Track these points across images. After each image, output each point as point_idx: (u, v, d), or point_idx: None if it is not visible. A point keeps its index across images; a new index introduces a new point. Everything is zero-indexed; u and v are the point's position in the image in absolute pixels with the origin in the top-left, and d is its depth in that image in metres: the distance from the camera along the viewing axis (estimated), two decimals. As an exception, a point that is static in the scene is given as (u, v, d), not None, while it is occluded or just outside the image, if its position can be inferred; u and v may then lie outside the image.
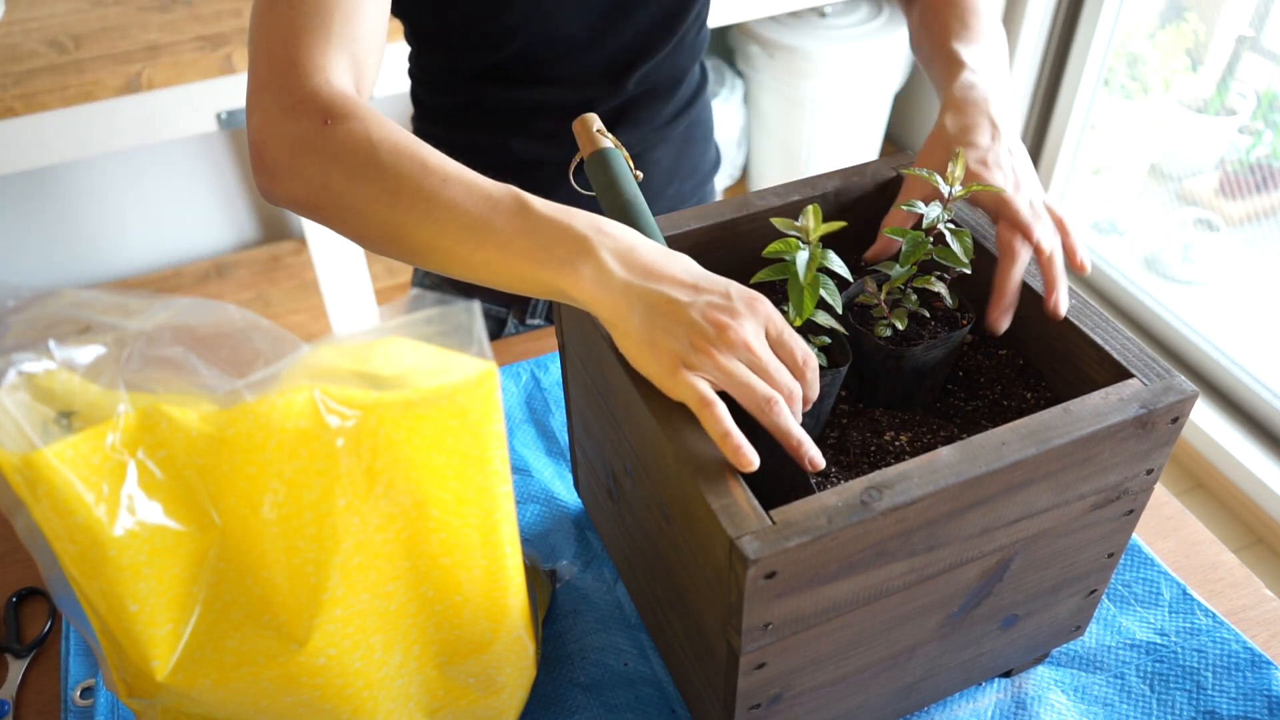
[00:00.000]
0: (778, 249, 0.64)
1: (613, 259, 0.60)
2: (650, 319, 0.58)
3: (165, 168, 2.24)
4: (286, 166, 0.66)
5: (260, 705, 0.55)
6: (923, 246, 0.67)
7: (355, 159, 0.63)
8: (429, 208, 0.62)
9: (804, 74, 2.32)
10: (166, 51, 1.61)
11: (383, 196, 0.63)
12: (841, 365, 0.66)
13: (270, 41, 0.69)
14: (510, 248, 0.61)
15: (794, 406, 0.59)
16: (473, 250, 0.62)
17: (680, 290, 0.59)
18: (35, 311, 0.48)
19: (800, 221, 0.64)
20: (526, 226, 0.61)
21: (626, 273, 0.59)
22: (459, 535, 0.55)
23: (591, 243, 0.60)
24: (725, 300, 0.59)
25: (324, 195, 0.65)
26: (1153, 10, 2.38)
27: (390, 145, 0.64)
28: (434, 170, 0.63)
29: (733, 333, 0.57)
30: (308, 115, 0.65)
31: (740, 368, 0.57)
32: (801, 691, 0.63)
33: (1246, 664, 0.78)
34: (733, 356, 0.57)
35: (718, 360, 0.57)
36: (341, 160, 0.64)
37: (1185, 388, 0.61)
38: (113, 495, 0.47)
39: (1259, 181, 2.34)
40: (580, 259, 0.60)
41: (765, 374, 0.58)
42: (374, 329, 0.50)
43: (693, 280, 0.60)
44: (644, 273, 0.60)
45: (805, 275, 0.63)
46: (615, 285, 0.59)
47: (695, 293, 0.59)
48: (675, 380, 0.58)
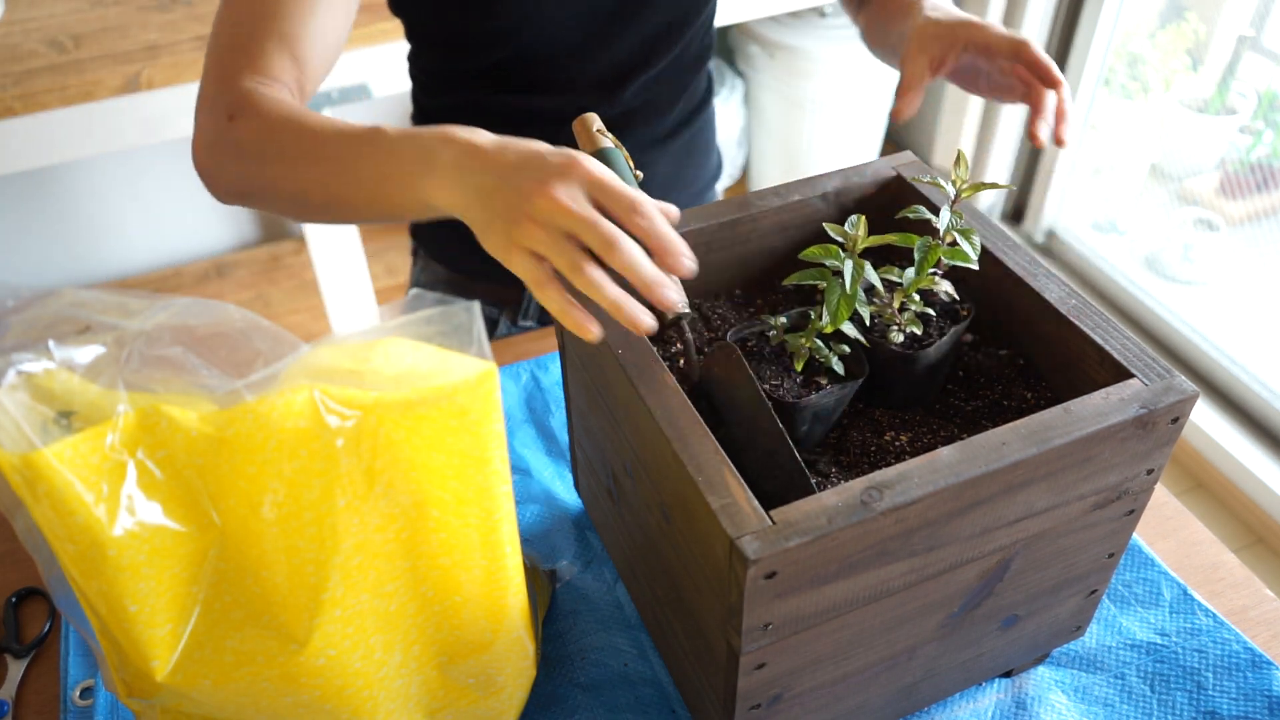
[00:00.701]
0: (816, 254, 0.64)
1: (455, 158, 0.62)
2: (484, 205, 0.60)
3: (165, 168, 2.24)
4: (213, 166, 0.76)
5: (260, 705, 0.55)
6: (936, 251, 0.66)
7: (255, 145, 0.72)
8: (312, 168, 0.70)
9: (804, 74, 2.32)
10: (166, 51, 1.61)
11: (282, 169, 0.71)
12: (858, 377, 0.66)
13: (210, 55, 0.78)
14: (380, 180, 0.66)
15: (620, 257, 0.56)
16: (355, 190, 0.68)
17: (504, 170, 0.60)
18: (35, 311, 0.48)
19: (850, 230, 0.64)
20: (385, 155, 0.66)
21: (465, 169, 0.61)
22: (459, 535, 0.55)
23: (434, 152, 0.63)
24: (538, 170, 0.58)
25: (244, 182, 0.75)
26: (1153, 10, 2.38)
27: (280, 124, 0.72)
28: (312, 134, 0.70)
29: (544, 200, 0.57)
30: (219, 115, 0.74)
31: (556, 237, 0.57)
32: (801, 691, 0.63)
33: (1247, 664, 0.78)
34: (551, 223, 0.57)
35: (535, 232, 0.57)
36: (246, 150, 0.73)
37: (1185, 388, 0.61)
38: (112, 495, 0.47)
39: (1259, 181, 2.34)
40: (430, 169, 0.63)
41: (584, 231, 0.56)
42: (374, 329, 0.50)
43: (515, 160, 0.60)
44: (481, 165, 0.61)
45: (850, 286, 0.63)
46: (459, 183, 0.61)
47: (515, 171, 0.59)
48: (511, 259, 0.59)
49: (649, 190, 1.10)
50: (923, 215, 0.68)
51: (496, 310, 1.17)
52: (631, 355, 0.63)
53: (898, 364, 0.67)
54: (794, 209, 0.77)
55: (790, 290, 0.79)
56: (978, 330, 0.76)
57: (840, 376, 0.66)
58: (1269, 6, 2.18)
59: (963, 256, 0.67)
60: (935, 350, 0.67)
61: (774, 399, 0.64)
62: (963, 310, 0.71)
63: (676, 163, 1.11)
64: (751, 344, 0.69)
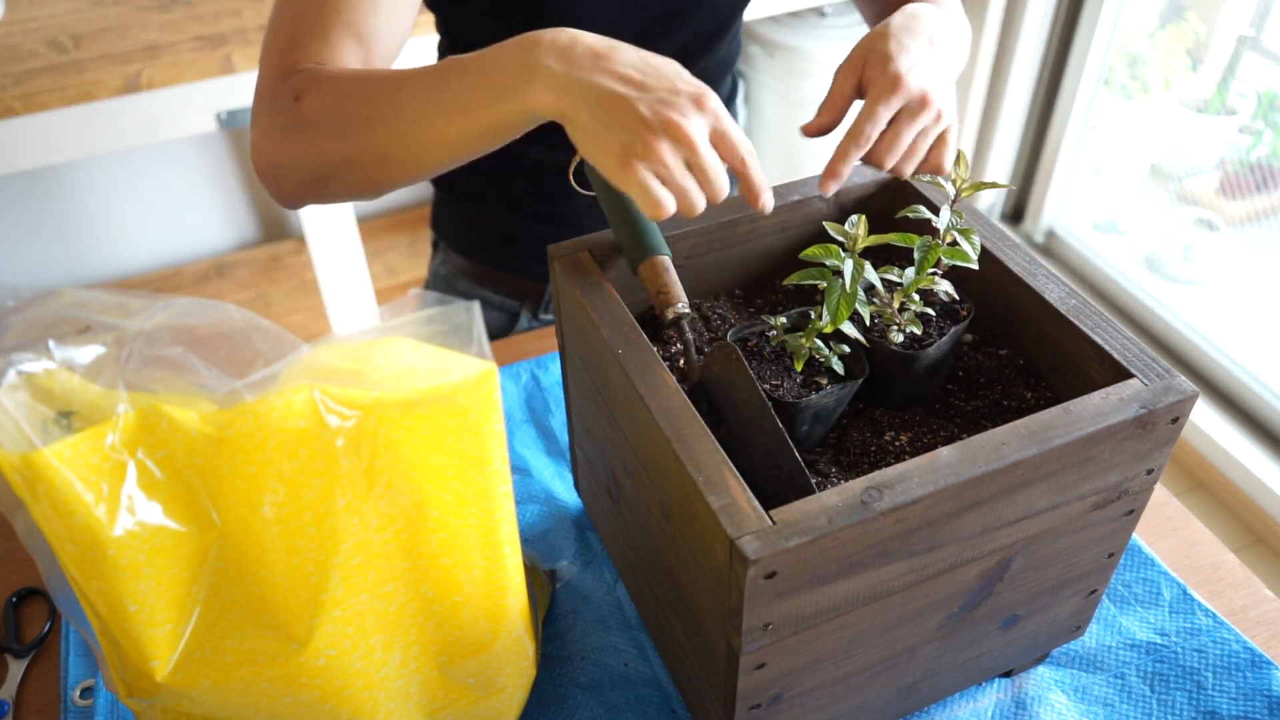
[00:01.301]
0: (816, 253, 0.64)
1: (555, 60, 0.62)
2: (601, 112, 0.60)
3: (165, 168, 2.24)
4: (284, 160, 0.73)
5: (260, 705, 0.55)
6: (936, 251, 0.66)
7: (327, 117, 0.70)
8: (397, 115, 0.67)
9: (804, 74, 2.32)
10: (166, 51, 1.61)
11: (361, 130, 0.69)
12: (857, 377, 0.66)
13: (269, 54, 0.75)
14: (474, 106, 0.65)
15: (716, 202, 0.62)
16: (447, 125, 0.66)
17: (629, 86, 0.60)
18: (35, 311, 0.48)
19: (850, 229, 0.64)
20: (475, 77, 0.65)
21: (572, 69, 0.61)
22: (459, 535, 0.55)
23: (531, 55, 0.62)
24: (674, 97, 0.60)
25: (320, 163, 0.71)
26: (1153, 10, 2.38)
27: (347, 86, 0.70)
28: (386, 83, 0.68)
29: (679, 130, 0.59)
30: (284, 103, 0.71)
31: (680, 169, 0.60)
32: (801, 691, 0.63)
33: (1247, 664, 0.78)
34: (677, 153, 0.59)
35: (662, 156, 0.59)
36: (318, 126, 0.70)
37: (1185, 388, 0.61)
38: (112, 495, 0.46)
39: (1259, 181, 2.34)
40: (528, 75, 0.62)
41: (703, 174, 0.60)
42: (374, 329, 0.50)
43: (641, 75, 0.61)
44: (590, 65, 0.61)
45: (850, 285, 0.63)
46: (563, 83, 0.61)
47: (643, 89, 0.60)
48: (625, 173, 0.60)
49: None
50: (922, 215, 0.68)
51: (518, 303, 1.17)
52: (631, 355, 0.63)
53: (897, 364, 0.67)
54: (794, 209, 0.77)
55: (790, 290, 0.79)
56: (978, 330, 0.76)
57: (840, 376, 0.66)
58: (1269, 6, 2.18)
59: (962, 256, 0.66)
60: (935, 350, 0.67)
61: (774, 399, 0.64)
62: (962, 310, 0.71)
63: None
64: (752, 344, 0.69)
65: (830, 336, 0.67)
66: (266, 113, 0.73)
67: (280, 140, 0.72)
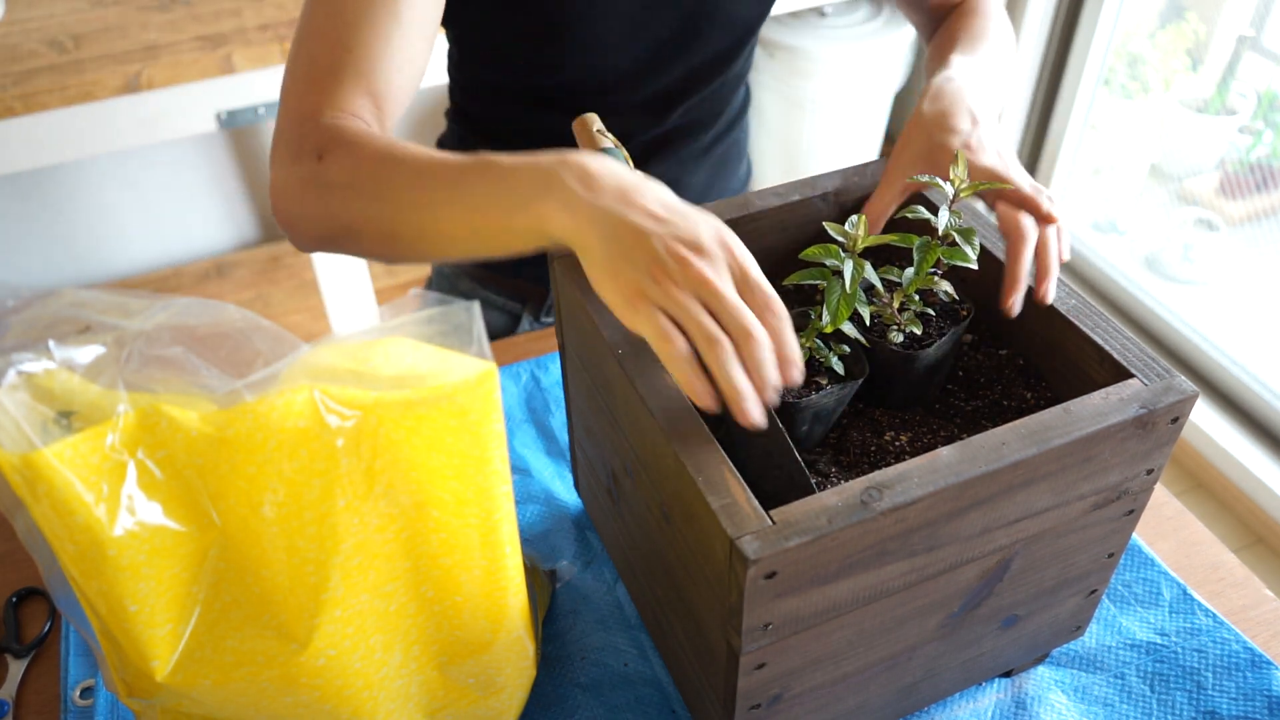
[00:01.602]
0: (816, 254, 0.64)
1: (578, 184, 0.59)
2: (613, 245, 0.57)
3: (165, 168, 2.24)
4: (299, 212, 0.72)
5: (260, 705, 0.55)
6: (935, 251, 0.66)
7: (346, 182, 0.68)
8: (412, 198, 0.66)
9: (804, 74, 2.32)
10: (166, 51, 1.61)
11: (375, 204, 0.67)
12: (857, 377, 0.65)
13: (287, 94, 0.74)
14: (486, 207, 0.62)
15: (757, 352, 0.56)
16: (458, 221, 0.64)
17: (648, 219, 0.57)
18: (35, 311, 0.48)
19: (850, 229, 0.64)
20: (494, 181, 0.62)
21: (593, 197, 0.58)
22: (459, 535, 0.55)
23: (555, 173, 0.60)
24: (692, 234, 0.57)
25: (333, 224, 0.70)
26: (1153, 10, 2.38)
27: (372, 158, 0.68)
28: (409, 165, 0.66)
29: (693, 269, 0.55)
30: (307, 156, 0.70)
31: (694, 305, 0.55)
32: (801, 691, 0.63)
33: (1247, 664, 0.78)
34: (690, 293, 0.55)
35: (673, 294, 0.55)
36: (336, 188, 0.69)
37: (1185, 388, 0.61)
38: (112, 495, 0.47)
39: (1259, 181, 2.34)
40: (546, 191, 0.60)
41: (725, 313, 0.55)
42: (374, 329, 0.50)
43: (664, 211, 0.58)
44: (614, 196, 0.58)
45: (850, 285, 0.63)
46: (582, 209, 0.58)
47: (662, 223, 0.57)
48: (633, 310, 0.56)
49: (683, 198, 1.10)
50: (921, 215, 0.68)
51: (519, 305, 1.17)
52: (631, 355, 0.63)
53: (897, 364, 0.67)
54: (794, 209, 0.77)
55: (790, 290, 0.79)
56: (977, 330, 0.76)
57: (840, 376, 0.66)
58: (1269, 6, 2.18)
59: (961, 256, 0.66)
60: (935, 350, 0.67)
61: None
62: (962, 310, 0.70)
63: (712, 173, 1.11)
64: None
65: (830, 336, 0.67)
66: (289, 160, 0.72)
67: (299, 194, 0.71)
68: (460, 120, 1.07)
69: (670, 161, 1.05)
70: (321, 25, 0.74)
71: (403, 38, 0.74)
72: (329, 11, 0.74)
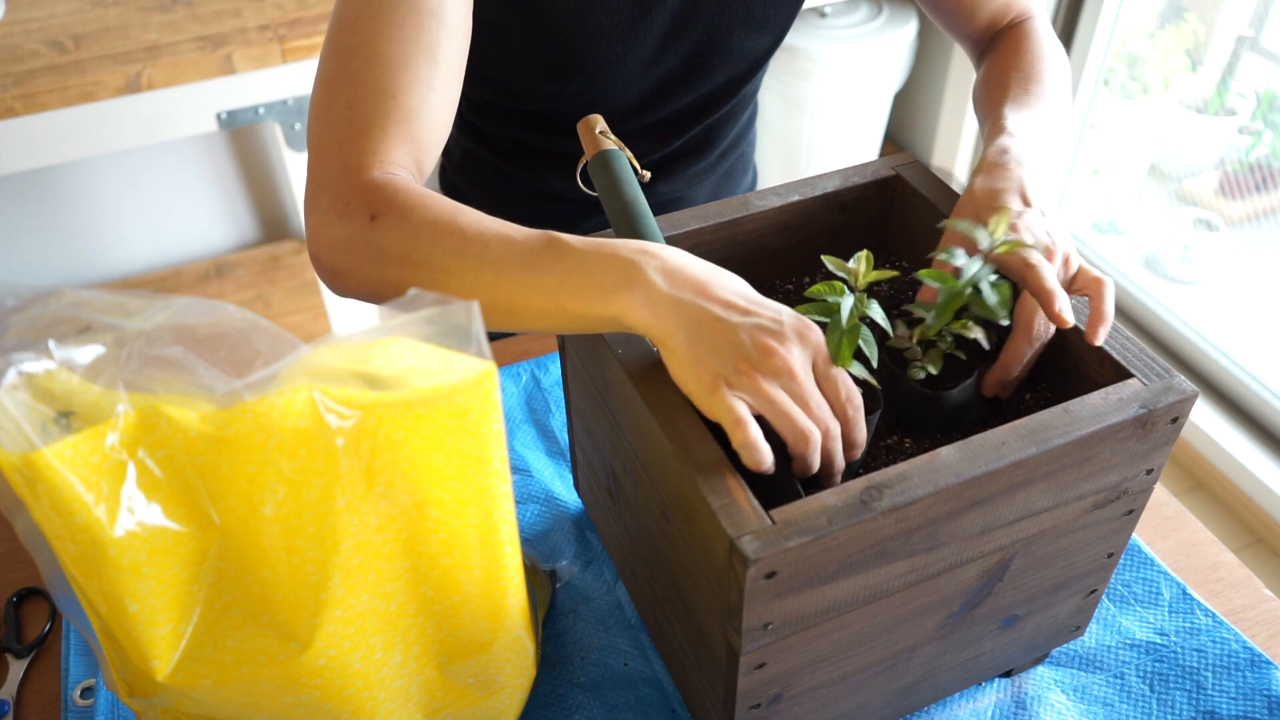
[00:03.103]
0: (821, 290, 0.62)
1: (660, 278, 0.59)
2: (696, 336, 0.57)
3: (165, 168, 2.24)
4: (345, 269, 0.68)
5: (260, 705, 0.55)
6: (959, 299, 0.64)
7: (401, 250, 0.65)
8: (476, 278, 0.63)
9: (804, 74, 2.32)
10: (166, 51, 1.61)
11: (434, 277, 0.65)
12: (873, 411, 0.63)
13: (328, 142, 0.70)
14: (561, 292, 0.61)
15: (830, 443, 0.58)
16: (526, 304, 0.62)
17: (730, 311, 0.58)
18: (35, 311, 0.48)
19: (851, 264, 0.63)
20: (572, 266, 0.61)
21: (675, 290, 0.59)
22: (458, 535, 0.55)
23: (638, 265, 0.59)
24: (776, 325, 0.58)
25: (382, 288, 0.67)
26: (1153, 10, 2.38)
27: (430, 227, 0.65)
28: (473, 239, 0.64)
29: (779, 359, 0.56)
30: (356, 215, 0.66)
31: (782, 395, 0.56)
32: (801, 691, 0.63)
33: (1246, 664, 0.78)
34: (775, 383, 0.56)
35: (759, 384, 0.56)
36: (389, 254, 0.65)
37: (1185, 388, 0.61)
38: (112, 495, 0.47)
39: (1259, 181, 2.34)
40: (628, 284, 0.59)
41: (805, 405, 0.57)
42: (374, 329, 0.50)
43: (745, 302, 0.59)
44: (694, 290, 0.59)
45: (847, 321, 0.61)
46: (664, 303, 0.58)
47: (745, 315, 0.58)
48: (714, 399, 0.56)
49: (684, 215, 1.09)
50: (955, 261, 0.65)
51: None
52: (631, 355, 0.63)
53: (916, 400, 0.66)
54: (794, 209, 0.77)
55: (790, 291, 0.79)
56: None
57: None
58: (1269, 6, 2.18)
59: (989, 311, 0.64)
60: (959, 393, 0.65)
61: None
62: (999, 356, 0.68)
63: (717, 187, 1.11)
64: None
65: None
66: (335, 217, 0.68)
67: (346, 251, 0.68)
68: (466, 132, 1.07)
69: (676, 180, 1.05)
70: (361, 70, 0.70)
71: (442, 81, 0.73)
72: (367, 56, 0.70)
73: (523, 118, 0.99)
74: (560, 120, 0.97)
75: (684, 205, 1.08)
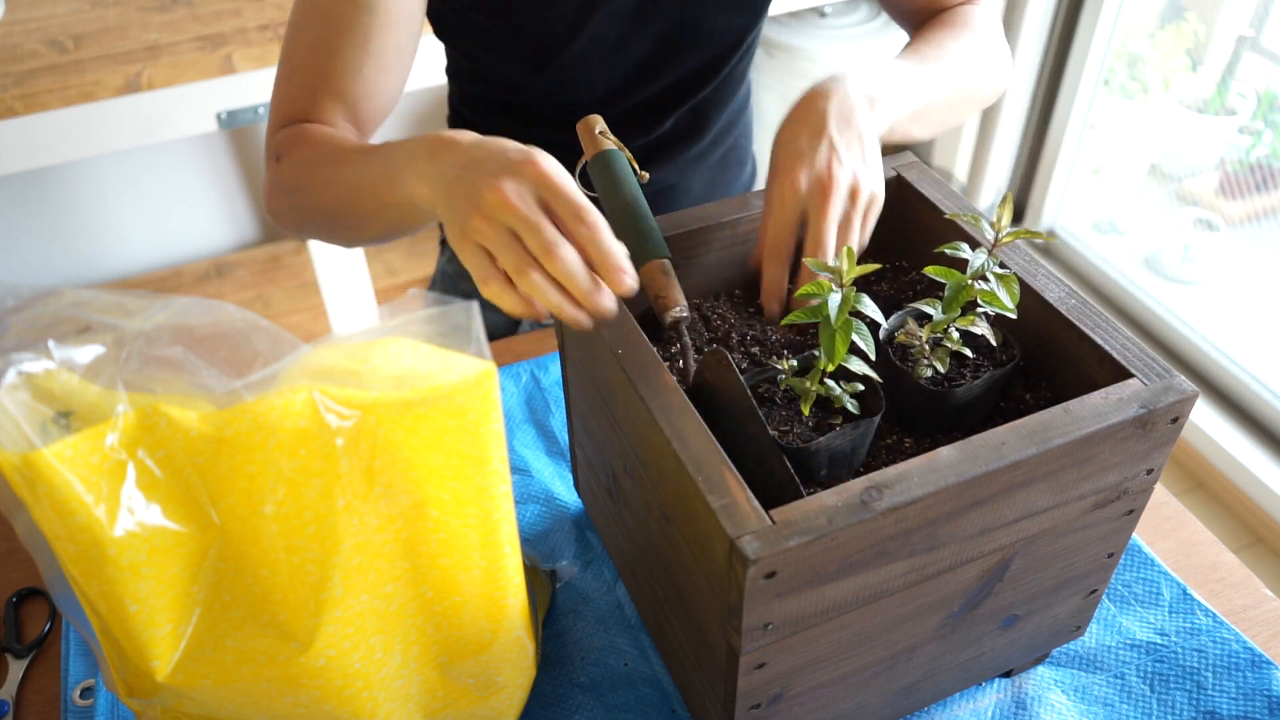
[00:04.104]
0: (809, 291, 0.62)
1: (428, 155, 0.64)
2: (446, 197, 0.61)
3: (165, 168, 2.24)
4: (272, 209, 0.83)
5: (260, 705, 0.55)
6: (967, 292, 0.64)
7: (295, 180, 0.79)
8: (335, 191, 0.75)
9: (804, 74, 2.32)
10: (166, 51, 1.61)
11: (317, 197, 0.77)
12: (875, 413, 0.63)
13: (273, 106, 0.84)
14: (376, 182, 0.70)
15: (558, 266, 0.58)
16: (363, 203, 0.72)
17: (466, 164, 0.61)
18: (35, 311, 0.48)
19: (834, 263, 0.62)
20: (379, 157, 0.70)
21: (436, 161, 0.63)
22: (458, 535, 0.55)
23: (416, 148, 0.65)
24: (494, 165, 0.59)
25: (299, 216, 0.82)
26: (1153, 10, 2.38)
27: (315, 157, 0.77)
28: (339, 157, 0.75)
29: (492, 195, 0.58)
30: (272, 159, 0.81)
31: (503, 234, 0.58)
32: (801, 691, 0.63)
33: (1246, 664, 0.78)
34: (498, 220, 0.58)
35: (483, 226, 0.58)
36: (289, 186, 0.80)
37: (1185, 388, 0.61)
38: (112, 495, 0.47)
39: (1259, 181, 2.34)
40: (410, 163, 0.65)
41: (527, 234, 0.58)
42: (374, 329, 0.50)
43: (480, 155, 0.61)
44: (453, 158, 0.62)
45: (836, 319, 0.61)
46: (429, 176, 0.63)
47: (475, 164, 0.60)
48: (462, 251, 0.60)
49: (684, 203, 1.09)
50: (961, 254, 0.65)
51: None
52: (631, 355, 0.63)
53: (921, 399, 0.66)
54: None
55: (790, 290, 0.79)
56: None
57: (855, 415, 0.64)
58: (1269, 6, 2.18)
59: (998, 303, 0.64)
60: (964, 392, 0.65)
61: (783, 445, 0.62)
62: (1005, 357, 0.68)
63: (711, 178, 1.10)
64: (763, 390, 0.67)
65: (841, 374, 0.65)
66: (267, 165, 0.82)
67: (270, 193, 0.83)
68: (459, 125, 1.08)
69: (668, 168, 1.05)
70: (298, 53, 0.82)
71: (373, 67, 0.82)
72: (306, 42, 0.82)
73: (507, 109, 1.00)
74: (543, 110, 0.98)
75: (679, 194, 1.08)
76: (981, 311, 0.67)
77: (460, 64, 1.01)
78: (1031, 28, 2.28)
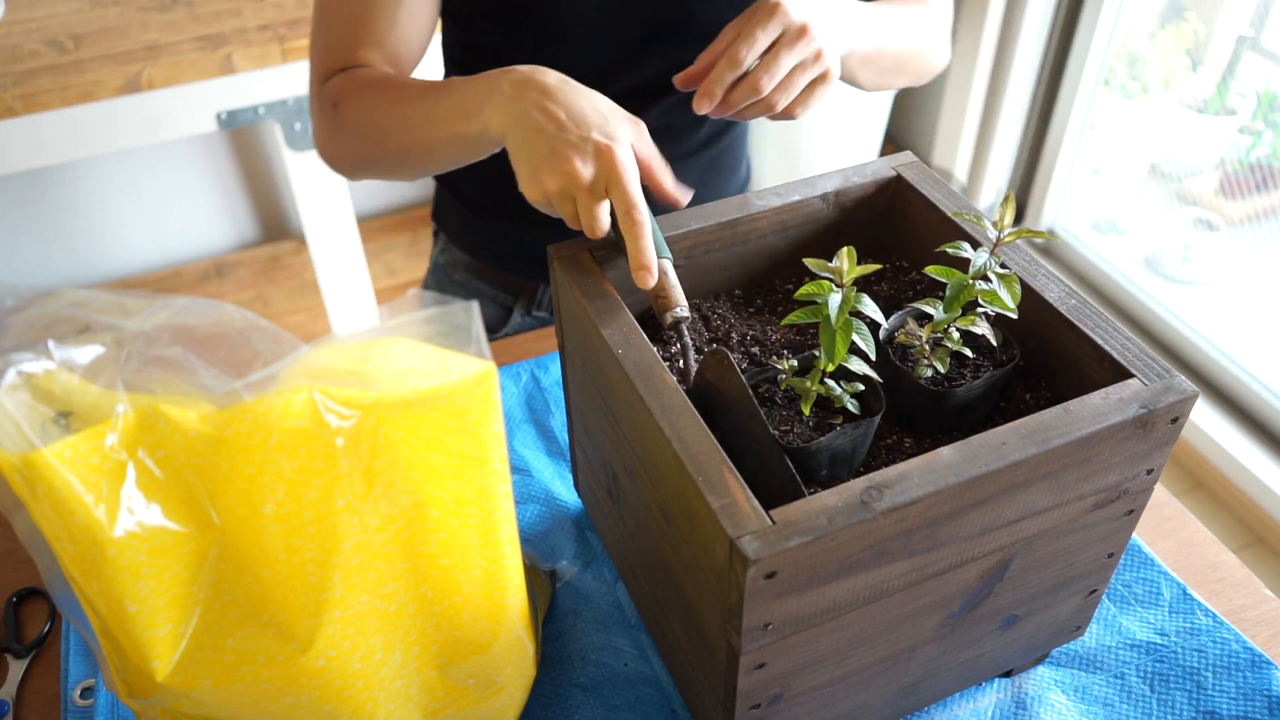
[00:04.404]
0: (809, 291, 0.62)
1: (510, 87, 0.70)
2: (520, 138, 0.69)
3: (165, 168, 2.24)
4: (331, 155, 0.90)
5: (260, 706, 0.55)
6: (969, 291, 0.64)
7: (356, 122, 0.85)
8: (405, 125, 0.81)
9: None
10: (166, 51, 1.61)
11: (382, 135, 0.83)
12: (875, 413, 0.63)
13: (314, 56, 0.91)
14: (451, 117, 0.75)
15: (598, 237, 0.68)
16: (434, 132, 0.78)
17: (549, 122, 0.68)
18: (35, 311, 0.48)
19: (834, 263, 0.62)
20: (454, 89, 0.76)
21: (517, 96, 0.69)
22: (458, 536, 0.55)
23: (496, 79, 0.72)
24: (579, 142, 0.66)
25: (361, 155, 0.88)
26: (1153, 10, 2.38)
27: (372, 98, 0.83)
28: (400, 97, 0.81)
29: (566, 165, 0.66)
30: (326, 106, 0.87)
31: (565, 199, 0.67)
32: (801, 691, 0.63)
33: (1246, 664, 0.78)
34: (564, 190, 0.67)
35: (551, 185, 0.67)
36: (352, 130, 0.86)
37: (1185, 388, 0.61)
38: (112, 496, 0.47)
39: (1259, 181, 2.34)
40: (488, 96, 0.72)
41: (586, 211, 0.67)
42: (374, 329, 0.50)
43: (567, 115, 0.68)
44: (535, 98, 0.69)
45: (837, 319, 0.61)
46: (507, 108, 0.70)
47: (560, 130, 0.67)
48: (528, 190, 0.69)
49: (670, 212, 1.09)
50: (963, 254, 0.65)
51: (511, 298, 1.17)
52: (631, 355, 0.63)
53: (921, 398, 0.66)
54: (794, 209, 0.77)
55: (790, 291, 0.79)
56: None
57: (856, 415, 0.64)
58: (1269, 6, 2.18)
59: (999, 302, 0.64)
60: (964, 392, 0.65)
61: (784, 445, 0.61)
62: (1006, 357, 0.68)
63: (704, 177, 1.10)
64: (763, 390, 0.67)
65: (841, 375, 0.65)
66: (317, 111, 0.89)
67: (329, 137, 0.89)
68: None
69: None
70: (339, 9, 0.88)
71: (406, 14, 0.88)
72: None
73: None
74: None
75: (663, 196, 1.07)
76: (982, 311, 0.67)
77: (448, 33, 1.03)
78: (1031, 28, 2.28)
